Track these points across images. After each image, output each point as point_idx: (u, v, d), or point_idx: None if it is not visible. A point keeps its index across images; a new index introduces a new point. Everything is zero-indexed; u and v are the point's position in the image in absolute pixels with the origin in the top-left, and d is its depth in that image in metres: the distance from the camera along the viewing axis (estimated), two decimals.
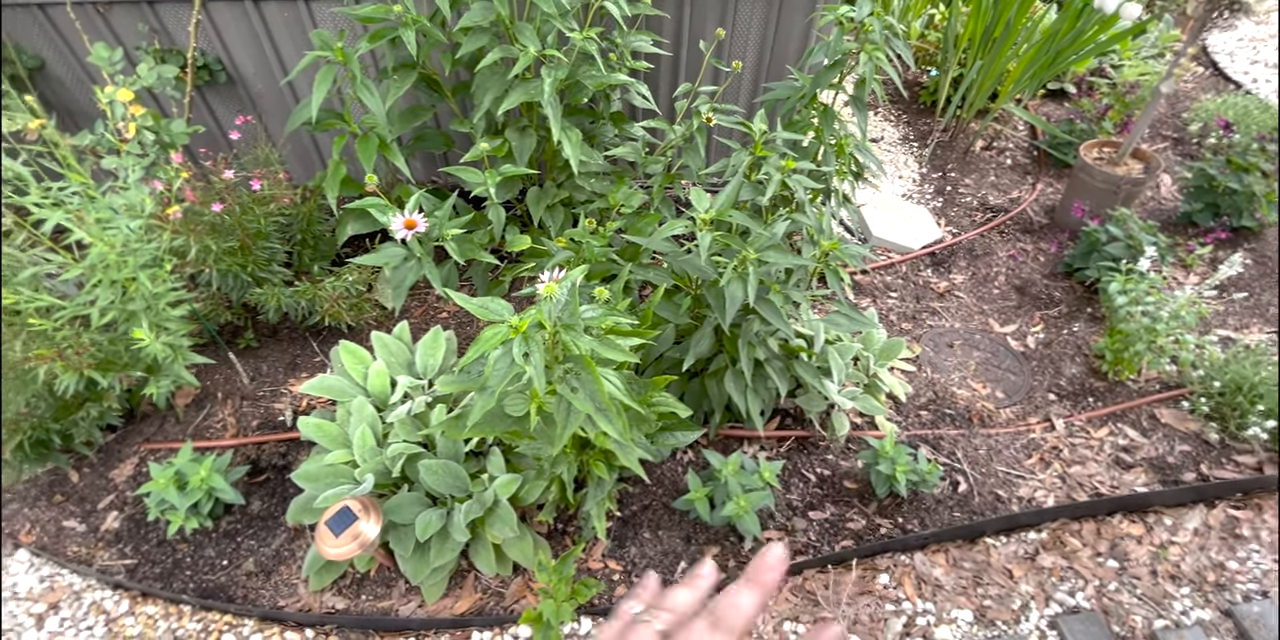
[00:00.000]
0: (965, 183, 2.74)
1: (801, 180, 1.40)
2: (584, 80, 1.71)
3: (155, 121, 1.78)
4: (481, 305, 1.02)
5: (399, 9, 1.56)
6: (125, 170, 1.57)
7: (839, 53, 1.51)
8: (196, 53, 1.91)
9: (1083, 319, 2.14)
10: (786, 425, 1.81)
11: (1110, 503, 1.60)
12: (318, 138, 2.23)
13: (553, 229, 1.96)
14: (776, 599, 1.47)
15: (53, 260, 1.31)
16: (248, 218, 1.72)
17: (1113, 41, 2.57)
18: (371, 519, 1.22)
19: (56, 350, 1.28)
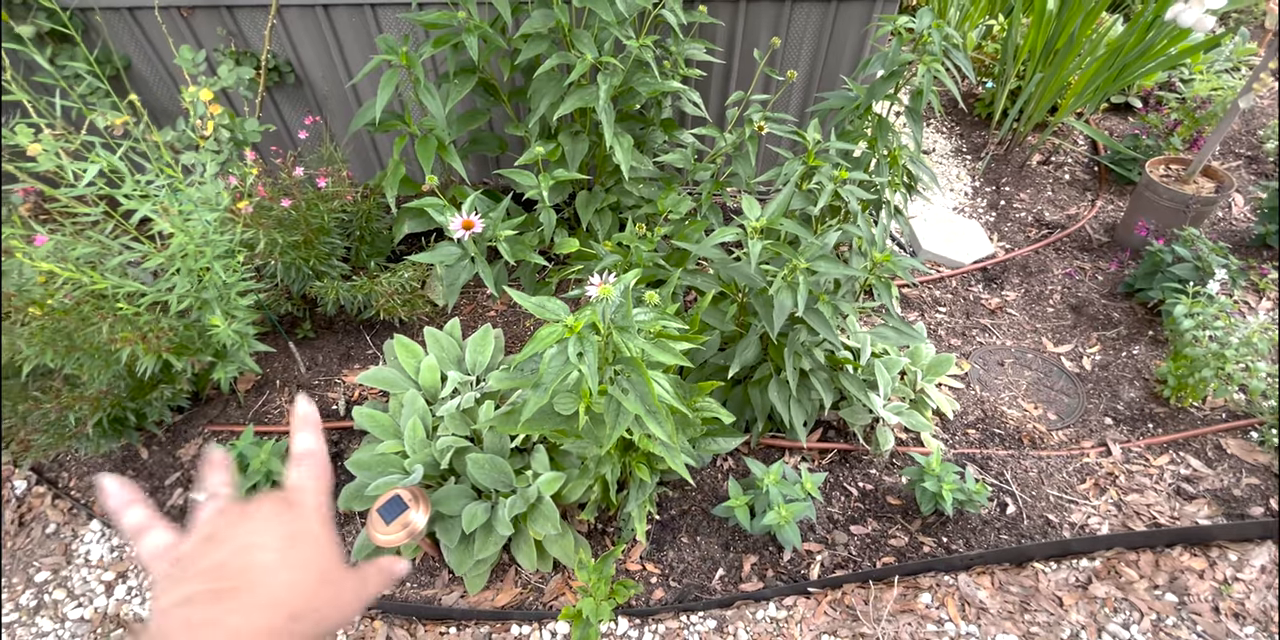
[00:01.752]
0: (1020, 197, 2.67)
1: (854, 191, 1.39)
2: (638, 87, 1.73)
3: (231, 120, 1.87)
4: (539, 304, 1.04)
5: (462, 15, 1.61)
6: (203, 166, 1.66)
7: (896, 64, 1.49)
8: (269, 55, 2.00)
9: (1143, 342, 2.05)
10: (829, 437, 1.78)
11: (1170, 534, 1.53)
12: (376, 139, 2.31)
13: (601, 232, 1.98)
14: (815, 612, 1.45)
15: (138, 249, 1.39)
16: (312, 213, 1.79)
17: (1184, 55, 2.48)
18: (421, 509, 1.26)
19: (140, 333, 1.36)
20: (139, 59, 2.06)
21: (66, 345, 1.39)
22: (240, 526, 0.34)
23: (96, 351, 1.41)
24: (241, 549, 0.32)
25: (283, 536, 0.34)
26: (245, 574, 0.31)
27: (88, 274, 1.33)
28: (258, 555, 0.32)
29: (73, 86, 1.88)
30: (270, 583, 0.31)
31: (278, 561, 0.32)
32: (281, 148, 2.27)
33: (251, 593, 0.31)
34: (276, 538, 0.33)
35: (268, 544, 0.33)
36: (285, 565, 0.32)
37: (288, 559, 0.33)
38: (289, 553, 0.33)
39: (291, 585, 0.32)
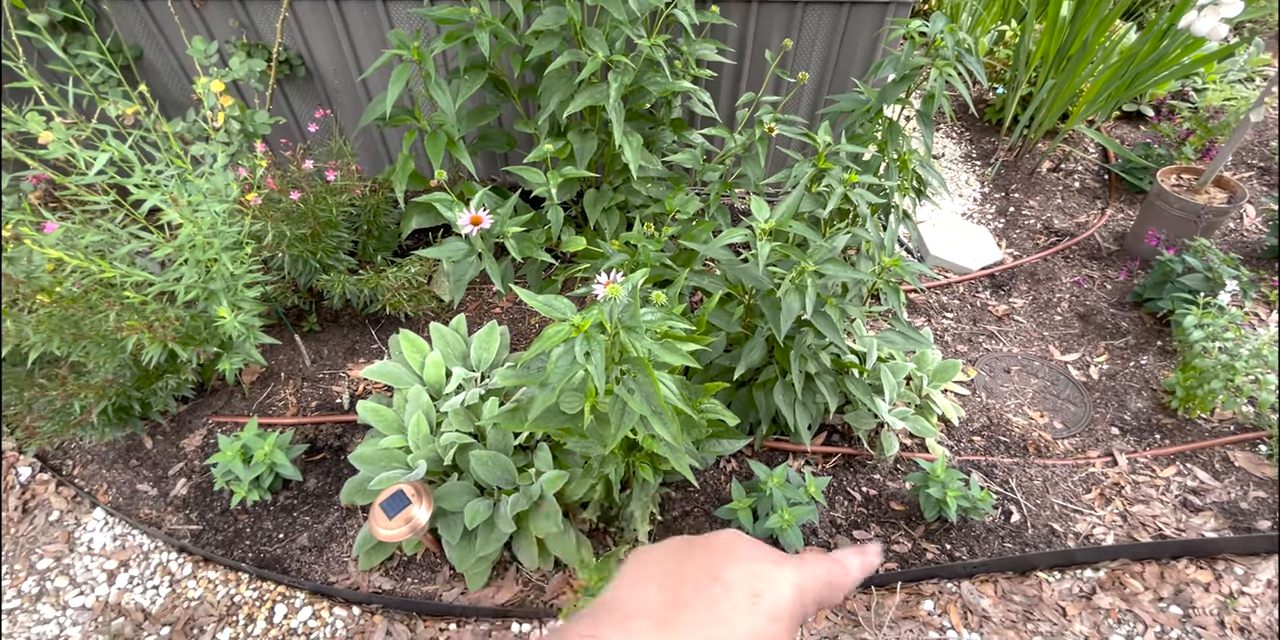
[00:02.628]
0: (1029, 204, 2.66)
1: (863, 194, 1.38)
2: (648, 86, 1.73)
3: (241, 112, 1.88)
4: (546, 302, 1.04)
5: (474, 11, 1.60)
6: (212, 157, 1.66)
7: (908, 67, 1.48)
8: (280, 48, 2.00)
9: (1151, 352, 2.04)
10: (833, 441, 1.78)
11: (1176, 546, 1.51)
12: (386, 133, 2.31)
13: (608, 231, 1.98)
14: (816, 617, 1.44)
15: (146, 238, 1.39)
16: (320, 207, 1.79)
17: (1197, 64, 2.46)
18: (423, 504, 1.25)
19: (146, 323, 1.36)
20: (151, 49, 2.06)
21: (73, 333, 1.39)
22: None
23: (103, 340, 1.41)
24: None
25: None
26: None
27: (96, 262, 1.33)
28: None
29: (85, 75, 1.88)
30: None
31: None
32: (291, 141, 2.27)
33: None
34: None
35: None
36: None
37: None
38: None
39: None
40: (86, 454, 1.79)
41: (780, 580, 0.31)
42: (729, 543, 0.34)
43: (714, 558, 0.32)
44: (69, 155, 1.31)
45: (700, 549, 0.33)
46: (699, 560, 0.32)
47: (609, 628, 0.29)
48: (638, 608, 0.30)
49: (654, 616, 0.29)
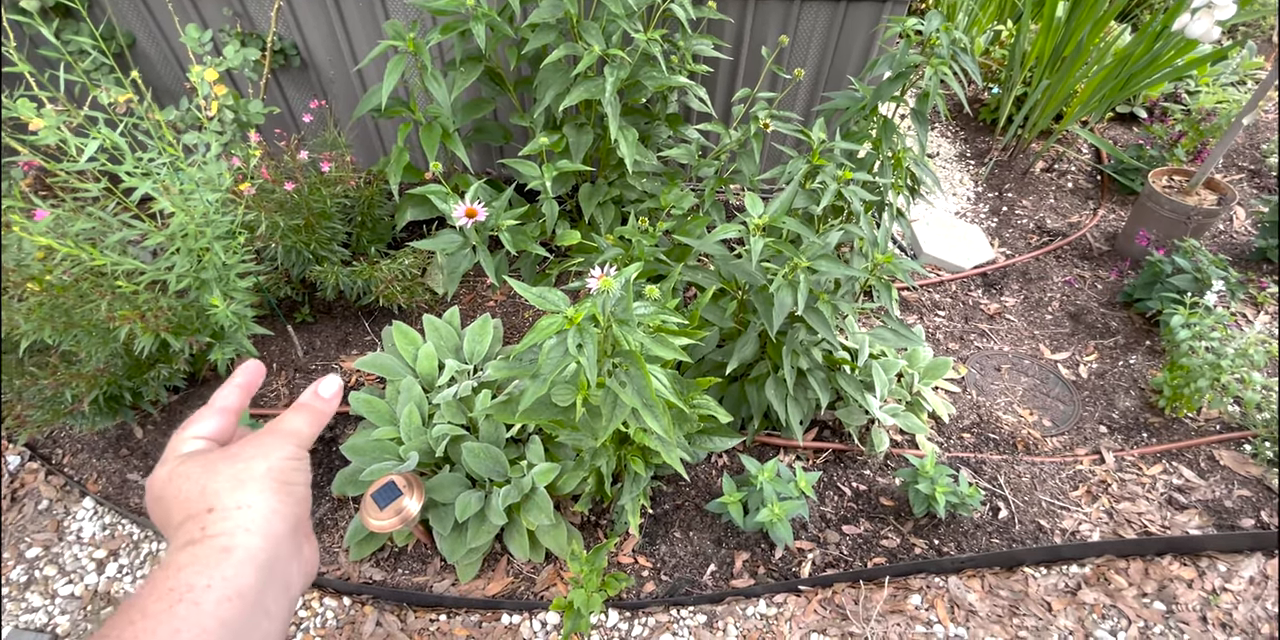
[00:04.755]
0: (1022, 204, 2.67)
1: (857, 191, 1.39)
2: (645, 81, 1.73)
3: (235, 101, 1.86)
4: (539, 295, 1.04)
5: (471, 3, 1.60)
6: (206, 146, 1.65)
7: (904, 66, 1.49)
8: (275, 37, 1.99)
9: (1140, 351, 2.06)
10: (824, 437, 1.79)
11: (1160, 543, 1.53)
12: (381, 125, 2.30)
13: (603, 226, 1.98)
14: (805, 610, 1.46)
15: (138, 226, 1.38)
16: (314, 198, 1.78)
17: (1190, 67, 2.48)
18: (415, 495, 1.25)
19: (138, 312, 1.35)
20: (144, 37, 2.04)
21: (64, 322, 1.38)
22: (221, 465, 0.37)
23: (94, 329, 1.40)
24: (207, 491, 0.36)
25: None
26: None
27: (87, 250, 1.32)
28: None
29: (77, 62, 1.86)
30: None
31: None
32: (285, 131, 2.25)
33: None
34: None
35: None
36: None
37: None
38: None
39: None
40: (76, 443, 1.78)
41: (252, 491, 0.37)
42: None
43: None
44: (60, 142, 1.30)
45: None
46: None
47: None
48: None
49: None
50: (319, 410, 0.42)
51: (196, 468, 0.37)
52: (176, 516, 0.35)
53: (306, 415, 0.42)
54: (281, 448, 0.39)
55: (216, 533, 0.34)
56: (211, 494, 0.35)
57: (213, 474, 0.36)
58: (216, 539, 0.33)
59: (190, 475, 0.37)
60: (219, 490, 0.35)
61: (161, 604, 0.30)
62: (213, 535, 0.33)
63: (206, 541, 0.33)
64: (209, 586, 0.31)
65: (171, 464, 0.38)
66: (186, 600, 0.31)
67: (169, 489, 0.37)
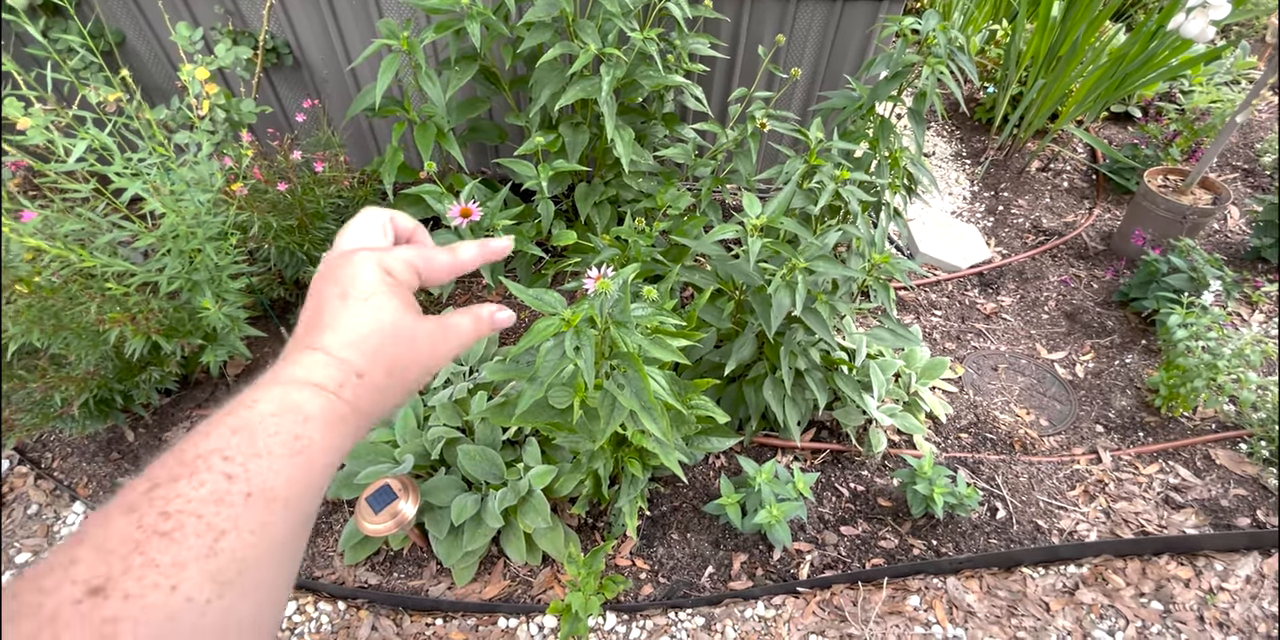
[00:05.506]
0: (1018, 203, 2.67)
1: (855, 191, 1.38)
2: (641, 80, 1.72)
3: (227, 100, 1.84)
4: (536, 297, 1.03)
5: (465, 1, 1.58)
6: (197, 145, 1.63)
7: (900, 65, 1.48)
8: (267, 36, 1.97)
9: (1136, 351, 2.06)
10: (822, 437, 1.78)
11: (1157, 542, 1.54)
12: (375, 124, 2.29)
13: (599, 226, 1.97)
14: (803, 612, 1.45)
15: (128, 227, 1.37)
16: (308, 198, 1.76)
17: (1185, 66, 2.49)
18: (410, 499, 1.24)
19: (129, 315, 1.34)
20: (134, 35, 2.02)
21: (54, 324, 1.36)
22: (338, 270, 0.36)
23: (84, 331, 1.38)
24: (328, 294, 0.35)
25: (352, 290, 0.35)
26: (327, 317, 0.34)
27: (76, 252, 1.30)
28: (337, 303, 0.35)
29: (65, 60, 1.84)
30: (339, 334, 0.33)
31: (348, 315, 0.34)
32: (278, 130, 2.23)
33: (326, 337, 0.33)
34: (347, 290, 0.35)
35: (344, 293, 0.35)
36: (353, 321, 0.34)
37: (357, 314, 0.34)
38: (358, 307, 0.35)
39: (353, 342, 0.33)
40: (66, 446, 1.76)
41: (360, 264, 0.36)
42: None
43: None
44: (48, 142, 1.28)
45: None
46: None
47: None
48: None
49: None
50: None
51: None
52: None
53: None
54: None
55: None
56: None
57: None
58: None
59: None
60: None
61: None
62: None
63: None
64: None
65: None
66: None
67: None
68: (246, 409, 0.29)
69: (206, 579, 0.23)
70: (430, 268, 0.38)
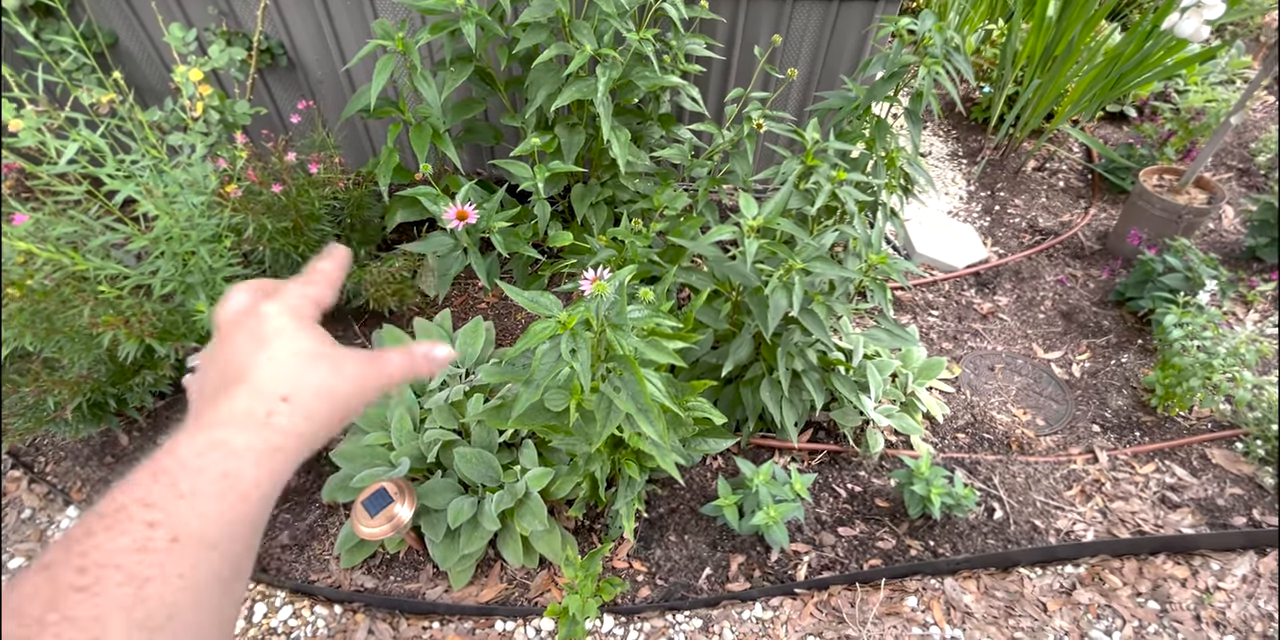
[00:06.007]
0: (1014, 203, 2.68)
1: (851, 192, 1.38)
2: (637, 81, 1.71)
3: (221, 101, 1.83)
4: (532, 299, 1.03)
5: (461, 2, 1.58)
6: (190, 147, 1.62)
7: (897, 65, 1.48)
8: (261, 36, 1.96)
9: (1132, 350, 2.07)
10: (819, 438, 1.78)
11: (1154, 542, 1.54)
12: (370, 125, 2.28)
13: (595, 227, 1.96)
14: (801, 613, 1.45)
15: (121, 230, 1.36)
16: (302, 200, 1.75)
17: (1180, 66, 2.50)
18: (406, 502, 1.24)
19: (122, 318, 1.33)
20: (126, 35, 2.01)
21: (46, 328, 1.35)
22: (239, 330, 0.36)
23: (77, 335, 1.38)
24: (238, 350, 0.34)
25: (264, 335, 0.35)
26: (242, 369, 0.33)
27: (68, 255, 1.29)
28: (249, 354, 0.34)
29: (57, 62, 1.83)
30: (259, 373, 0.33)
31: (264, 356, 0.34)
32: (273, 132, 2.22)
33: (246, 382, 0.32)
34: (260, 336, 0.35)
35: (257, 341, 0.35)
36: (270, 358, 0.34)
37: (273, 352, 0.34)
38: (274, 345, 0.34)
39: (275, 375, 0.33)
40: (60, 451, 1.75)
41: (267, 312, 0.36)
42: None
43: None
44: (40, 144, 1.27)
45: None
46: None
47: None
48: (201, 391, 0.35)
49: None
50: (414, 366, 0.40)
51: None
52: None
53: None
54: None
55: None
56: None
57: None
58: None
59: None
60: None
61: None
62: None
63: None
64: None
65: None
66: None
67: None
68: (168, 456, 0.28)
69: (134, 628, 0.23)
70: (316, 286, 0.39)
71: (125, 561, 0.24)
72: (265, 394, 0.31)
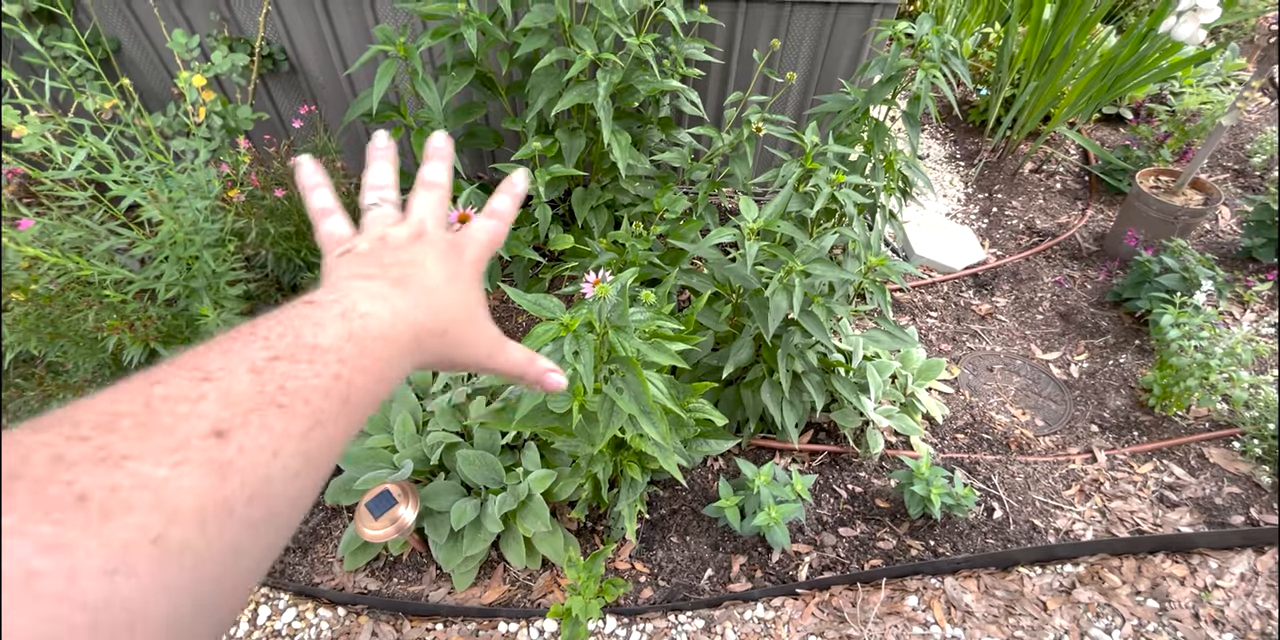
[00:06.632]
0: (1012, 205, 2.69)
1: (850, 194, 1.39)
2: (637, 85, 1.73)
3: (224, 107, 1.85)
4: (534, 301, 1.04)
5: (462, 7, 1.59)
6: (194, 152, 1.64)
7: (895, 69, 1.50)
8: (263, 42, 1.97)
9: (1130, 350, 2.08)
10: (819, 439, 1.79)
11: (1153, 541, 1.55)
12: (371, 130, 2.29)
13: (596, 230, 1.98)
14: (802, 613, 1.46)
15: (125, 235, 1.37)
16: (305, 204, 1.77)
17: (1175, 68, 2.52)
18: (410, 504, 1.24)
19: (126, 322, 1.34)
20: (130, 42, 2.02)
21: (50, 332, 1.36)
22: (413, 245, 0.36)
23: (82, 339, 1.38)
24: (412, 261, 0.35)
25: (446, 272, 0.36)
26: (415, 279, 0.34)
27: (74, 259, 1.30)
28: (427, 270, 0.35)
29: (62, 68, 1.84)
30: (433, 294, 0.34)
31: (440, 283, 0.35)
32: (275, 137, 2.24)
33: (418, 292, 0.34)
34: (441, 268, 0.36)
35: (434, 269, 0.36)
36: (445, 289, 0.35)
37: (449, 287, 0.36)
38: (450, 284, 0.36)
39: (447, 306, 0.35)
40: None
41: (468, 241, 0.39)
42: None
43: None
44: (44, 150, 1.28)
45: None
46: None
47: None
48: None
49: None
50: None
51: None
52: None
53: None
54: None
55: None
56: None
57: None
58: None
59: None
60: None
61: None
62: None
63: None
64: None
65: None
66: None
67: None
68: (361, 319, 0.29)
69: (300, 457, 0.24)
70: (500, 221, 0.42)
71: (313, 399, 0.25)
72: (438, 312, 0.33)
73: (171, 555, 0.19)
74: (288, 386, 0.25)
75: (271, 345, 0.26)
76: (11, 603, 0.16)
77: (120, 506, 0.19)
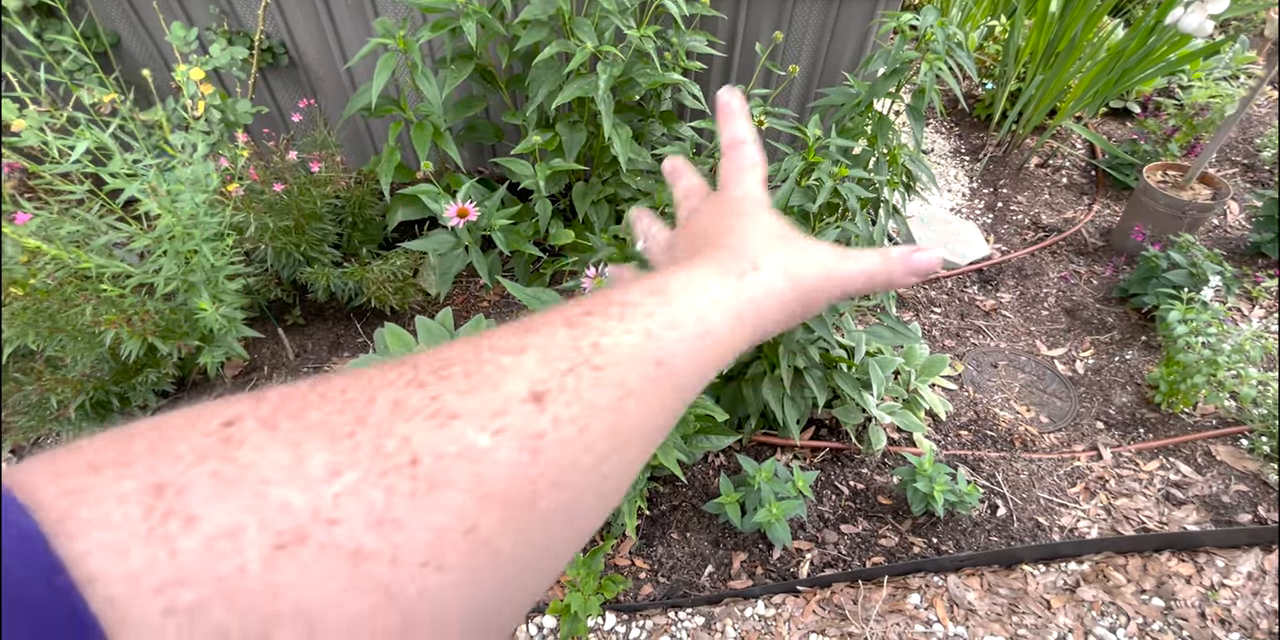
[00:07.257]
0: (1017, 200, 2.67)
1: (853, 188, 1.38)
2: (638, 78, 1.71)
3: (223, 101, 1.84)
4: (534, 296, 1.03)
5: (461, 0, 1.58)
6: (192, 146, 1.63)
7: (899, 62, 1.48)
8: (262, 36, 1.96)
9: (1136, 347, 2.06)
10: (821, 436, 1.78)
11: (1158, 539, 1.53)
12: (371, 124, 2.28)
13: (597, 224, 1.96)
14: (803, 611, 1.45)
15: (124, 229, 1.36)
16: (304, 199, 1.76)
17: (1183, 61, 2.48)
18: None
19: (125, 316, 1.33)
20: (128, 35, 2.01)
21: (49, 327, 1.36)
22: (710, 204, 0.34)
23: (80, 334, 1.38)
24: (713, 219, 0.32)
25: (742, 210, 0.32)
26: (716, 235, 0.31)
27: (73, 253, 1.30)
28: (725, 221, 0.31)
29: (59, 62, 1.83)
30: (733, 238, 0.30)
31: (741, 224, 0.31)
32: (274, 131, 2.23)
33: (721, 246, 0.30)
34: (738, 210, 0.32)
35: (735, 213, 0.32)
36: (747, 227, 0.31)
37: (749, 222, 0.31)
38: (753, 217, 0.32)
39: (751, 241, 0.30)
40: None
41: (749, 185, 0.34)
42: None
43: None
44: (42, 143, 1.27)
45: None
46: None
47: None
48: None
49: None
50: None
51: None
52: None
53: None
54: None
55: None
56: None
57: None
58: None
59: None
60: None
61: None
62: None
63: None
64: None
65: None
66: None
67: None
68: (663, 278, 0.25)
69: (608, 433, 0.20)
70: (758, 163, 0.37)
71: (623, 363, 0.21)
72: (741, 255, 0.28)
73: (479, 548, 0.16)
74: (604, 344, 0.21)
75: (584, 302, 0.23)
76: (340, 586, 0.13)
77: (443, 480, 0.16)
